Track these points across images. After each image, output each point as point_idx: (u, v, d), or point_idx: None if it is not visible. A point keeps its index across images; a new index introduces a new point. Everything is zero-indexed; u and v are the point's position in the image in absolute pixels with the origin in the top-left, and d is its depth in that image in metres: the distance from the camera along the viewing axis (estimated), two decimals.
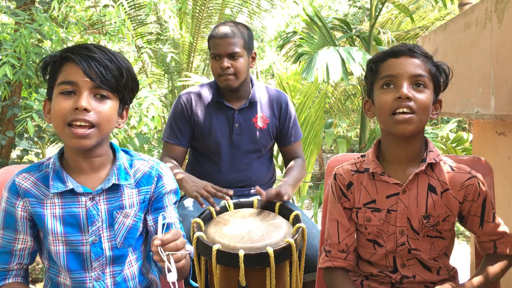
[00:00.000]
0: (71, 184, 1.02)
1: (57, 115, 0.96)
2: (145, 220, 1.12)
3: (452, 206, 1.10)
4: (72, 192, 1.03)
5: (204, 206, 1.55)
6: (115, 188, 1.06)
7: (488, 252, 1.14)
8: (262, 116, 1.86)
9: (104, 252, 1.05)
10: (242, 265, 1.16)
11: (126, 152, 1.14)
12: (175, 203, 1.17)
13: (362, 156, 1.22)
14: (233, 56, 1.72)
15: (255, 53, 1.88)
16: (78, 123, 0.95)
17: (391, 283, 1.14)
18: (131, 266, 1.11)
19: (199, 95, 1.85)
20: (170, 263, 0.90)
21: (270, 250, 1.18)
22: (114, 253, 1.07)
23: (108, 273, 1.07)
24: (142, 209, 1.10)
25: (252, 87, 1.87)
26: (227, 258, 1.20)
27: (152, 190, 1.11)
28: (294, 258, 1.25)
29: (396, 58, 1.07)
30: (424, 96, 1.04)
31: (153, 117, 2.42)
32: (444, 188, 1.10)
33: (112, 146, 1.11)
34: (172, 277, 0.90)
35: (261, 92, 1.90)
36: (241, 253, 1.17)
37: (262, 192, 1.51)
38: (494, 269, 1.09)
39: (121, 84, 1.00)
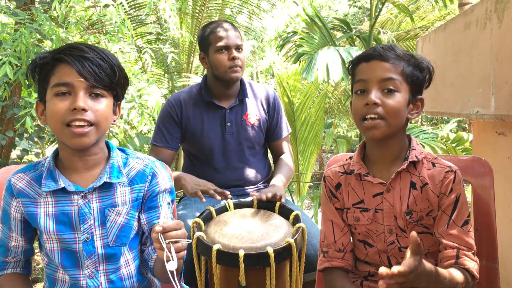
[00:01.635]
0: (62, 182, 1.03)
1: (55, 117, 0.97)
2: (139, 219, 1.13)
3: (432, 201, 1.10)
4: (64, 190, 1.04)
5: (204, 200, 1.55)
6: (108, 186, 1.07)
7: (449, 262, 1.05)
8: (252, 112, 1.86)
9: (96, 250, 1.06)
10: (242, 265, 1.16)
11: (123, 150, 1.15)
12: (170, 203, 1.17)
13: (350, 158, 1.24)
14: (239, 48, 1.76)
15: None
16: (77, 123, 0.96)
17: None
18: (128, 265, 1.12)
19: (188, 98, 1.84)
20: (170, 251, 0.89)
21: (270, 250, 1.18)
22: (106, 251, 1.07)
23: (102, 271, 1.08)
24: (135, 207, 1.10)
25: (241, 84, 1.87)
26: (227, 258, 1.20)
27: (145, 188, 1.11)
28: (294, 258, 1.26)
29: (367, 63, 1.08)
30: (394, 100, 1.04)
31: (152, 107, 2.42)
32: (424, 182, 1.10)
33: (107, 145, 1.12)
34: (172, 265, 0.89)
35: (249, 88, 1.90)
36: (241, 253, 1.17)
37: (256, 195, 1.51)
38: (457, 274, 1.00)
39: (114, 81, 1.01)
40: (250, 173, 1.87)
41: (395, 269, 0.82)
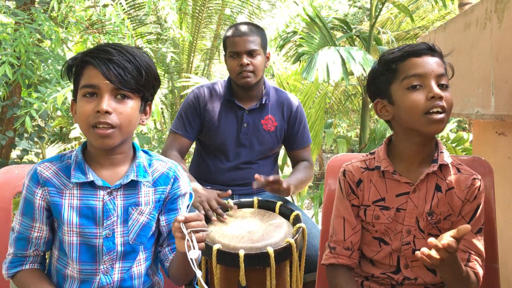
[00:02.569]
0: (91, 176, 1.04)
1: (82, 118, 1.00)
2: (158, 220, 1.14)
3: (454, 205, 1.10)
4: (91, 184, 1.05)
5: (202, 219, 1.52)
6: (133, 185, 1.08)
7: None
8: (271, 118, 1.86)
9: (116, 247, 1.07)
10: (242, 265, 1.17)
11: (146, 152, 1.17)
12: (187, 207, 1.19)
13: (371, 153, 1.21)
14: (251, 53, 1.74)
15: (269, 53, 1.89)
16: (101, 126, 0.98)
17: (392, 284, 1.14)
18: (140, 264, 1.13)
19: (212, 92, 1.86)
20: (191, 240, 0.91)
21: (270, 250, 1.18)
22: (125, 248, 1.08)
23: (117, 268, 1.09)
24: (157, 208, 1.12)
25: (264, 88, 1.87)
26: (228, 258, 1.20)
27: (167, 191, 1.13)
28: (294, 258, 1.26)
29: (418, 57, 1.06)
30: (450, 95, 1.05)
31: (153, 112, 2.42)
32: (450, 186, 1.10)
33: (133, 145, 1.14)
34: (194, 254, 0.91)
35: (273, 94, 1.90)
36: (241, 253, 1.17)
37: (260, 178, 1.50)
38: (471, 273, 1.04)
39: (140, 83, 1.02)
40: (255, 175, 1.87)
41: (446, 241, 0.85)
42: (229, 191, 1.56)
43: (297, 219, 1.38)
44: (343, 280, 1.13)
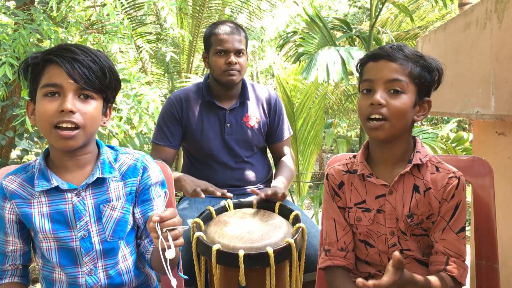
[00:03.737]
0: (55, 181, 1.03)
1: (43, 118, 0.97)
2: (134, 213, 1.13)
3: (433, 206, 1.09)
4: (57, 189, 1.04)
5: (203, 196, 1.54)
6: (101, 182, 1.08)
7: (437, 268, 1.08)
8: (252, 114, 1.86)
9: (94, 247, 1.07)
10: (242, 265, 1.16)
11: (112, 147, 1.16)
12: (162, 195, 1.17)
13: (353, 156, 1.23)
14: (239, 53, 1.75)
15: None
16: (64, 125, 0.96)
17: None
18: (126, 260, 1.12)
19: (188, 97, 1.84)
20: (167, 240, 0.90)
21: (270, 250, 1.18)
22: (104, 246, 1.08)
23: (101, 267, 1.09)
24: (129, 201, 1.11)
25: (242, 86, 1.87)
26: (227, 258, 1.20)
27: (138, 182, 1.12)
28: (294, 258, 1.25)
29: (374, 62, 1.07)
30: (399, 102, 1.03)
31: (152, 113, 2.41)
32: (427, 186, 1.10)
33: (96, 143, 1.12)
34: (170, 253, 0.89)
35: (251, 90, 1.90)
36: (241, 253, 1.17)
37: (257, 192, 1.51)
38: (436, 283, 1.03)
39: (104, 84, 1.01)
40: (249, 174, 1.87)
41: (372, 282, 0.87)
42: (230, 195, 1.56)
43: (296, 219, 1.38)
44: (340, 282, 1.14)
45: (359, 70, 1.13)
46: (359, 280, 0.89)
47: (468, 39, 1.71)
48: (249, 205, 1.53)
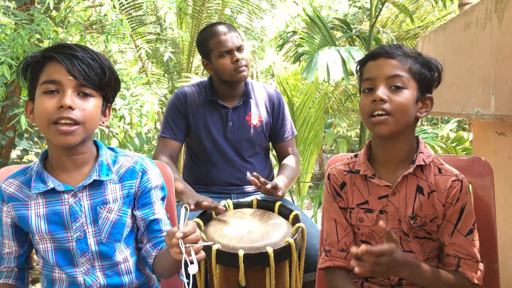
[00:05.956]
0: (51, 183, 1.03)
1: (42, 114, 0.96)
2: (134, 216, 1.13)
3: (437, 208, 1.09)
4: (54, 191, 1.04)
5: (193, 208, 1.49)
6: (98, 184, 1.07)
7: (449, 269, 1.07)
8: (255, 113, 1.86)
9: (90, 248, 1.07)
10: (241, 265, 1.16)
11: (112, 149, 1.15)
12: (162, 199, 1.18)
13: (355, 156, 1.22)
14: (240, 48, 1.75)
15: None
16: (63, 121, 0.95)
17: (391, 285, 1.14)
18: (127, 261, 1.12)
19: (192, 94, 1.85)
20: (190, 255, 0.90)
21: (270, 250, 1.18)
22: (100, 248, 1.08)
23: (98, 267, 1.09)
24: (126, 203, 1.11)
25: (246, 84, 1.87)
26: (227, 258, 1.20)
27: (137, 185, 1.11)
28: (294, 258, 1.25)
29: (374, 61, 1.08)
30: (401, 97, 1.03)
31: (147, 112, 2.41)
32: (431, 189, 1.09)
33: (96, 144, 1.12)
34: (193, 269, 0.89)
35: (254, 89, 1.90)
36: (241, 253, 1.17)
37: (256, 182, 1.50)
38: (447, 276, 1.03)
39: (104, 81, 1.01)
40: (250, 173, 1.87)
41: (364, 247, 0.87)
42: (223, 207, 1.49)
43: (296, 219, 1.38)
44: (340, 282, 1.13)
45: (359, 72, 1.13)
46: (353, 249, 0.90)
47: (468, 39, 1.71)
48: (249, 205, 1.53)
